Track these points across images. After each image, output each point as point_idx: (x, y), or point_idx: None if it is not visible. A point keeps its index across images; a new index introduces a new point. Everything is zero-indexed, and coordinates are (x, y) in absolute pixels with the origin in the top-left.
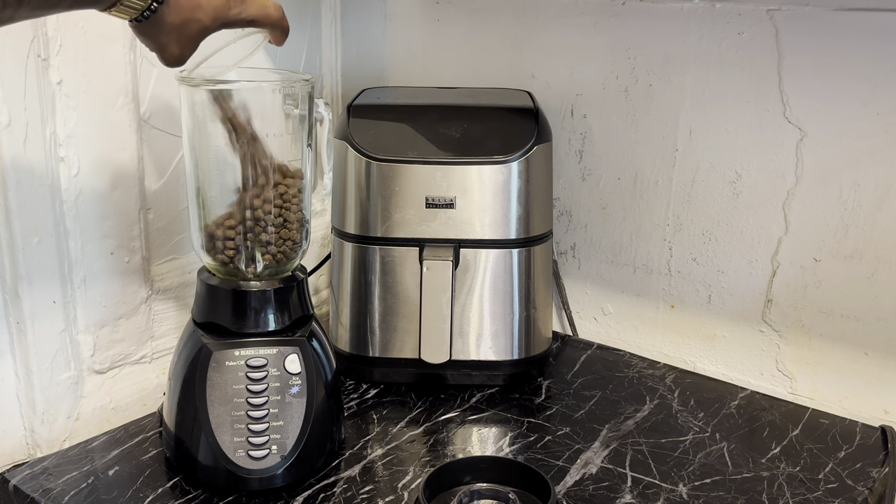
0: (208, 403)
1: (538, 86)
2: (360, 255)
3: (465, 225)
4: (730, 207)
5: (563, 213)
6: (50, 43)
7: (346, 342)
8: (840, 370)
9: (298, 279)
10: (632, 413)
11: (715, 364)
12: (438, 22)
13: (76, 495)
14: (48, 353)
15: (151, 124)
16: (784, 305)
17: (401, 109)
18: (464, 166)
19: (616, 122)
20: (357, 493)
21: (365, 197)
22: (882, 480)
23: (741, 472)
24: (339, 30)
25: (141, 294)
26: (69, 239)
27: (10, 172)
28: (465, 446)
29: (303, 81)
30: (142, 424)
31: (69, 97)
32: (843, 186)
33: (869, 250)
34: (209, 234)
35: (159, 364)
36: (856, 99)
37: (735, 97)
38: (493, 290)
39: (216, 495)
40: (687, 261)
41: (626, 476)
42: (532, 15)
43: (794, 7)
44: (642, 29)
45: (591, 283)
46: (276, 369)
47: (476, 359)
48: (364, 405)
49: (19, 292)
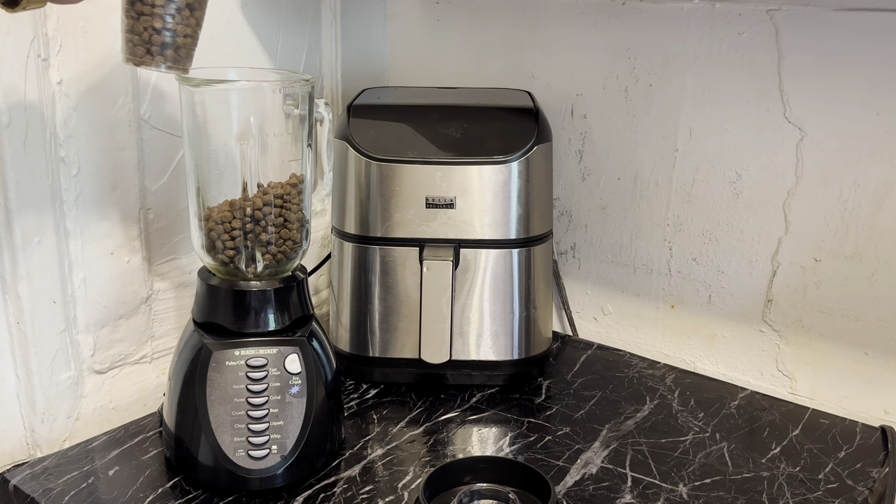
0: (208, 403)
1: (538, 86)
2: (360, 255)
3: (465, 225)
4: (730, 207)
5: (563, 213)
6: (50, 43)
7: (346, 342)
8: (840, 370)
9: (298, 279)
10: (632, 413)
11: (715, 364)
12: (438, 22)
13: (76, 495)
14: (48, 353)
15: (151, 124)
16: (784, 305)
17: (401, 109)
18: (464, 166)
19: (616, 122)
20: (357, 493)
21: (365, 197)
22: (882, 480)
23: (741, 472)
24: (339, 30)
25: (141, 294)
26: (69, 239)
27: (10, 172)
28: (465, 446)
29: (303, 81)
30: (142, 424)
31: (69, 97)
32: (843, 186)
33: (869, 250)
34: (209, 234)
35: (159, 364)
36: (856, 99)
37: (735, 97)
38: (493, 290)
39: (216, 495)
40: (687, 261)
41: (626, 476)
42: (532, 15)
43: (794, 7)
44: (642, 29)
45: (591, 283)
46: (277, 369)
47: (476, 359)
48: (364, 405)
49: (19, 292)
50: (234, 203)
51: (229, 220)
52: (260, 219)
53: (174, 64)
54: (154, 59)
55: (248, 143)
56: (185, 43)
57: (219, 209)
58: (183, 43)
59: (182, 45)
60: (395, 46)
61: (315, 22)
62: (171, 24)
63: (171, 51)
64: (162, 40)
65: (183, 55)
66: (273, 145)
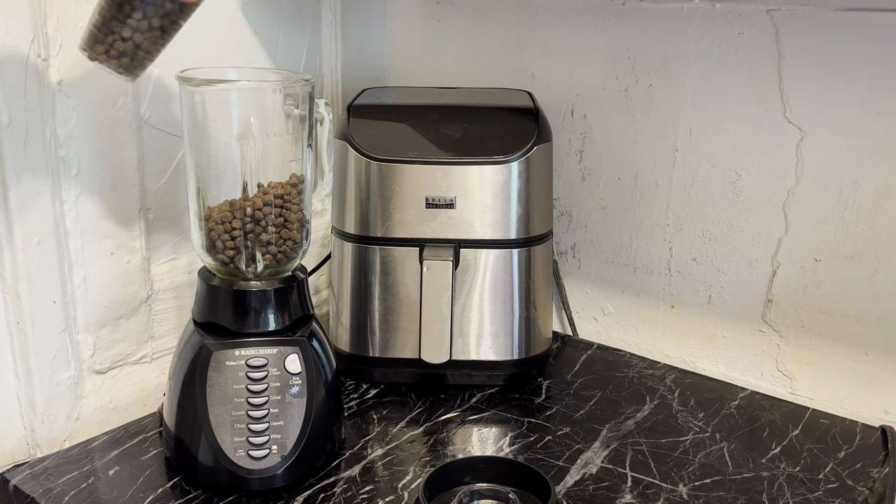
0: (208, 403)
1: (538, 86)
2: (360, 255)
3: (465, 225)
4: (730, 207)
5: (563, 213)
6: (50, 43)
7: (346, 342)
8: (840, 370)
9: (298, 279)
10: (632, 413)
11: (715, 364)
12: (438, 22)
13: (76, 495)
14: (48, 353)
15: (151, 124)
16: (784, 305)
17: (401, 109)
18: (464, 166)
19: (616, 122)
20: (357, 493)
21: (365, 197)
22: (882, 480)
23: (741, 472)
24: (339, 30)
25: (141, 294)
26: (69, 239)
27: (10, 172)
28: (465, 446)
29: (303, 81)
30: (142, 424)
31: (69, 97)
32: (843, 186)
33: (869, 250)
34: (209, 234)
35: (159, 364)
36: (856, 99)
37: (735, 97)
38: (493, 290)
39: (216, 495)
40: (687, 261)
41: (627, 476)
42: (532, 15)
43: (794, 7)
44: (642, 29)
45: (591, 283)
46: (277, 369)
47: (476, 359)
48: (364, 405)
49: (19, 292)
50: (234, 203)
51: (229, 220)
52: (260, 219)
53: (125, 72)
54: (109, 61)
55: (248, 143)
56: (143, 57)
57: (219, 209)
58: (142, 57)
59: (140, 58)
60: (395, 46)
61: (315, 22)
62: (139, 38)
63: (128, 59)
64: (124, 48)
65: (136, 66)
66: (273, 145)
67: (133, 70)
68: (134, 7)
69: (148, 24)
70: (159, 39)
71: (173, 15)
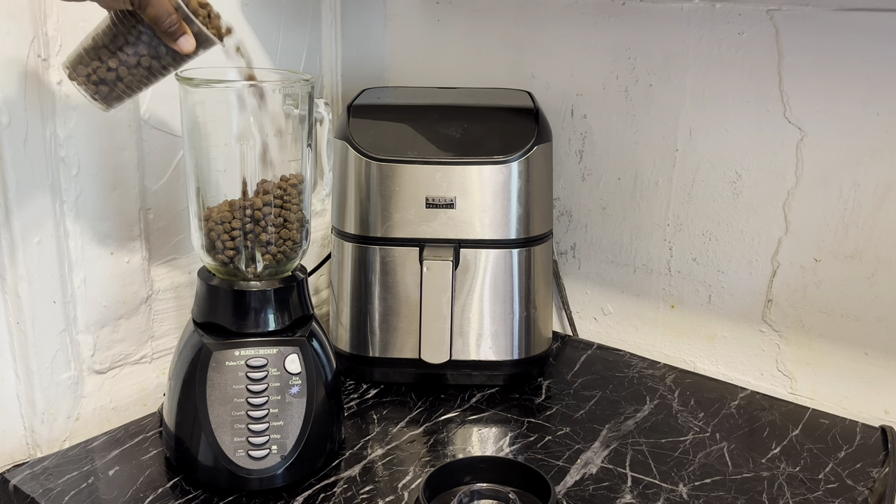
0: (208, 403)
1: (538, 86)
2: (360, 255)
3: (465, 225)
4: (730, 207)
5: (563, 213)
6: (50, 43)
7: (346, 342)
8: (840, 370)
9: (298, 279)
10: (632, 413)
11: (715, 364)
12: (438, 22)
13: (76, 495)
14: (48, 353)
15: (151, 124)
16: (784, 305)
17: (401, 109)
18: (464, 166)
19: (616, 122)
20: (357, 493)
21: (365, 197)
22: (882, 480)
23: (741, 472)
24: (339, 30)
25: (141, 294)
26: (69, 239)
27: (10, 172)
28: (465, 446)
29: (303, 81)
30: (142, 424)
31: (69, 97)
32: (843, 186)
33: (869, 250)
34: (209, 234)
35: (159, 364)
36: (856, 99)
37: (735, 97)
38: (493, 290)
39: (216, 495)
40: (687, 261)
41: (627, 476)
42: (532, 15)
43: (794, 7)
44: (642, 29)
45: (591, 283)
46: (276, 369)
47: (476, 359)
48: (364, 405)
49: (19, 292)
50: (234, 203)
51: (229, 220)
52: (260, 219)
53: (101, 100)
54: (87, 85)
55: (248, 143)
56: (122, 91)
57: (219, 209)
58: (121, 90)
59: (119, 91)
60: (395, 46)
61: (315, 22)
62: (123, 72)
63: (107, 89)
64: (105, 77)
65: (113, 98)
66: (273, 145)
67: (108, 100)
68: (128, 42)
69: (137, 61)
70: (143, 79)
71: (165, 60)
